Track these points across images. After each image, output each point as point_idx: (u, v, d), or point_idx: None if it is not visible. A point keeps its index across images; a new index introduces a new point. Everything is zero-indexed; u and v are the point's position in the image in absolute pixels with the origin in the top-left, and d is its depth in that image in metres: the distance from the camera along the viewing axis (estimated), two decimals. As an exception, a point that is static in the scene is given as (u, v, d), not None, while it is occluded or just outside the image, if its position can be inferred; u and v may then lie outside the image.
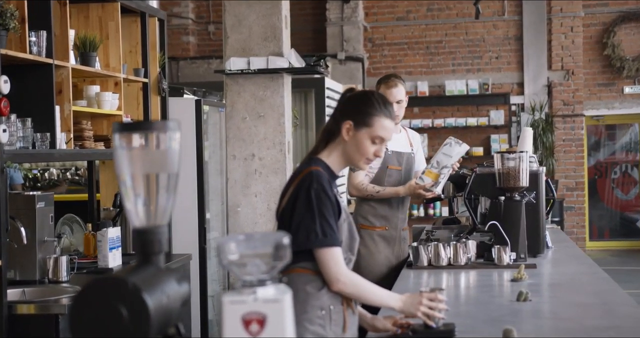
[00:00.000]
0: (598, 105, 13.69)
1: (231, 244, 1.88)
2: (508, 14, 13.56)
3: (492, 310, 3.36)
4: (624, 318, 3.18)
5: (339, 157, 3.08)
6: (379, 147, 3.07)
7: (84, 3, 5.23)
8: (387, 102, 3.10)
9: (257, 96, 7.03)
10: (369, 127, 3.03)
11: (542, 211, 4.99)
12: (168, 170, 1.96)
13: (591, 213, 14.12)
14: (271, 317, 1.84)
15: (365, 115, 3.04)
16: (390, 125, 3.07)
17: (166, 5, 13.97)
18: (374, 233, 5.20)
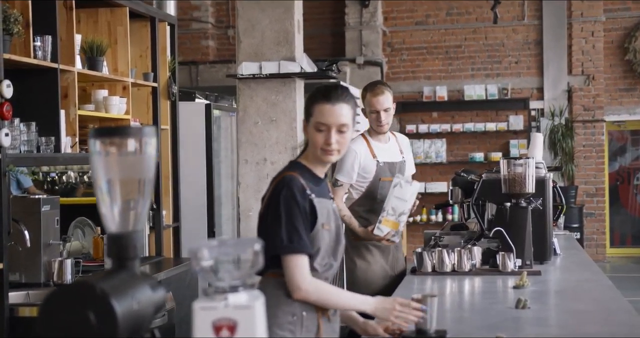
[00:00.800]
0: (619, 110, 13.59)
1: (204, 250, 1.88)
2: (528, 19, 13.49)
3: (489, 317, 3.34)
4: (621, 325, 3.15)
5: (312, 158, 3.05)
6: (326, 134, 2.97)
7: (93, 8, 5.26)
8: (331, 89, 3.06)
9: (269, 100, 7.04)
10: (311, 116, 3.02)
11: (549, 217, 4.96)
12: (144, 175, 1.96)
13: (613, 219, 14.01)
14: (242, 323, 1.84)
15: (308, 107, 3.06)
16: (327, 109, 2.98)
17: (186, 10, 14.04)
18: (369, 243, 5.14)
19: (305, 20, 13.94)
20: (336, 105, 2.98)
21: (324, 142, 2.97)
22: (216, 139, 6.56)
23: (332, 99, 2.99)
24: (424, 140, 13.49)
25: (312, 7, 14.08)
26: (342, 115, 2.98)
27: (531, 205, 4.79)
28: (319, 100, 3.01)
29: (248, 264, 1.89)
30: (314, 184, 3.04)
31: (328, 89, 3.07)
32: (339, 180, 5.10)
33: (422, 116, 13.68)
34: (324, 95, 3.01)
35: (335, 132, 2.97)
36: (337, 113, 2.98)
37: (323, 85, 3.14)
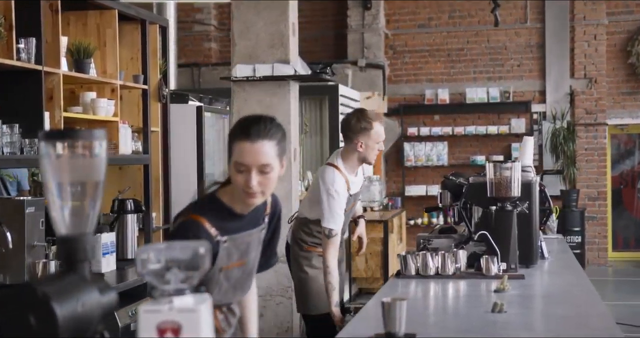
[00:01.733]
0: (622, 114, 13.55)
1: (150, 253, 1.88)
2: (530, 22, 13.47)
3: (462, 321, 3.34)
4: (593, 330, 3.15)
5: (234, 195, 2.81)
6: (247, 176, 2.70)
7: (82, 10, 5.28)
8: (251, 123, 2.73)
9: (264, 103, 7.05)
10: (232, 154, 2.74)
11: (535, 221, 4.95)
12: (95, 178, 1.97)
13: (616, 223, 13.97)
14: (186, 326, 1.84)
15: (229, 143, 2.77)
16: (246, 148, 2.68)
17: (189, 12, 14.07)
18: (318, 254, 5.08)
19: (308, 23, 14.07)
20: (257, 144, 2.68)
21: (244, 184, 2.71)
22: (208, 141, 6.56)
23: (251, 136, 2.68)
24: (425, 143, 13.48)
25: (315, 10, 14.11)
26: (264, 155, 2.69)
27: (517, 208, 4.79)
28: (238, 136, 2.72)
29: (194, 267, 1.90)
30: (229, 221, 2.82)
31: (249, 122, 2.74)
32: (333, 230, 4.88)
33: (423, 119, 13.67)
34: (243, 131, 2.71)
35: (257, 173, 2.70)
36: (257, 152, 2.68)
37: (245, 117, 2.81)
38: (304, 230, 5.12)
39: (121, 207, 5.56)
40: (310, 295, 5.11)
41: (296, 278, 5.18)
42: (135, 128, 5.82)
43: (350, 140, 4.93)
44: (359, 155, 4.94)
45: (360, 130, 4.88)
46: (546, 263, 5.13)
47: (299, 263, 5.11)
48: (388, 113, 13.60)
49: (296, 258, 5.13)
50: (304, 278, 5.10)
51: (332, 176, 4.88)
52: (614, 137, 13.96)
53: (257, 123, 2.73)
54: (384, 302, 2.97)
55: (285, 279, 7.00)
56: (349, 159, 4.97)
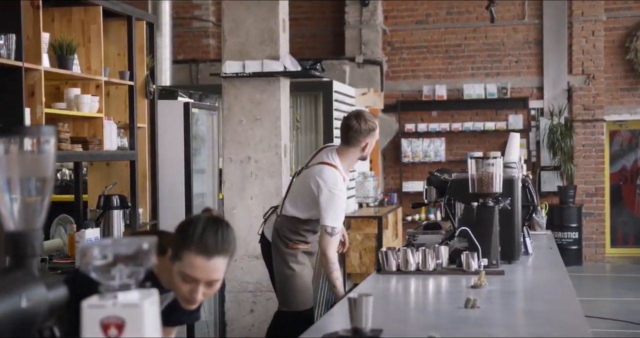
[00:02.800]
0: (620, 110, 13.53)
1: (94, 249, 1.89)
2: (528, 18, 13.46)
3: (434, 317, 3.35)
4: (562, 327, 3.15)
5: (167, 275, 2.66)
6: (193, 287, 2.56)
7: (67, 7, 5.30)
8: (209, 237, 2.53)
9: (254, 99, 7.06)
10: (178, 260, 2.56)
11: (517, 218, 4.95)
12: (43, 174, 1.98)
13: (615, 219, 13.96)
14: (130, 321, 1.85)
15: (177, 247, 2.58)
16: (200, 264, 2.50)
17: (187, 8, 14.08)
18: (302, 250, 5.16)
19: (306, 19, 14.09)
20: (212, 260, 2.52)
21: (189, 294, 2.58)
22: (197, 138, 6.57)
23: (209, 251, 2.51)
24: (423, 139, 13.49)
25: (314, 6, 14.12)
26: (217, 271, 2.55)
27: (499, 205, 4.79)
28: (192, 249, 2.52)
29: (140, 263, 1.91)
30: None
31: (207, 232, 2.54)
32: (336, 228, 4.92)
33: (421, 115, 13.67)
34: (200, 243, 2.52)
35: (204, 286, 2.57)
36: (211, 268, 2.52)
37: (203, 222, 2.57)
38: (290, 229, 5.12)
39: (107, 202, 5.57)
40: (296, 291, 5.13)
41: (281, 275, 5.16)
42: (121, 124, 5.83)
43: (358, 142, 5.01)
44: (362, 155, 5.09)
45: (368, 133, 5.01)
46: (530, 260, 5.14)
47: (284, 260, 5.12)
48: (386, 109, 13.61)
49: (282, 255, 5.13)
50: (290, 274, 5.11)
51: (333, 176, 4.94)
52: (614, 133, 13.94)
53: (215, 234, 2.54)
54: (350, 298, 2.98)
55: (275, 275, 7.01)
56: (349, 159, 5.07)
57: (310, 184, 4.97)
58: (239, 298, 7.24)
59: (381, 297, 3.89)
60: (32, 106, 4.56)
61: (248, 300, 7.26)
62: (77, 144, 5.05)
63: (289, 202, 5.18)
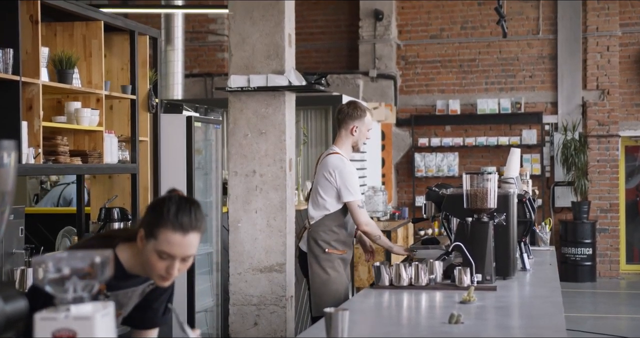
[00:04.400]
0: (636, 125, 13.47)
1: (48, 262, 1.92)
2: (543, 33, 13.44)
3: (414, 332, 3.36)
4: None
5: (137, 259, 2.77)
6: (169, 264, 2.66)
7: (69, 21, 5.36)
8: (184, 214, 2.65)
9: (259, 113, 7.09)
10: (154, 238, 2.65)
11: (512, 233, 4.94)
12: (3, 187, 2.02)
13: (631, 235, 13.86)
14: (81, 333, 1.88)
15: (152, 225, 2.66)
16: (177, 240, 2.61)
17: (203, 22, 14.18)
18: (338, 256, 5.46)
19: (322, 34, 14.15)
20: (188, 236, 2.63)
21: (165, 271, 2.68)
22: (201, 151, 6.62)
23: (184, 228, 2.63)
24: (436, 154, 13.48)
25: (329, 21, 14.18)
26: (192, 246, 2.66)
27: (494, 220, 4.79)
28: (168, 226, 2.63)
29: (93, 277, 1.94)
30: (120, 280, 2.77)
31: (181, 211, 2.65)
32: (358, 200, 5.36)
33: (435, 129, 13.67)
34: (176, 221, 2.63)
35: (179, 262, 2.68)
36: (187, 244, 2.64)
37: (175, 201, 2.68)
38: (323, 231, 5.44)
39: (107, 215, 5.63)
40: (330, 296, 5.38)
41: (316, 279, 5.46)
42: (124, 137, 5.88)
43: (347, 125, 5.52)
44: (352, 140, 5.52)
45: (357, 117, 5.51)
46: (527, 276, 5.13)
47: (320, 265, 5.44)
48: (399, 123, 13.62)
49: (318, 260, 5.45)
50: (326, 279, 5.42)
51: (338, 158, 5.45)
52: (630, 149, 13.86)
53: (189, 213, 2.66)
54: (326, 312, 3.00)
55: (279, 289, 7.03)
56: (344, 145, 5.54)
57: (323, 176, 5.44)
58: (242, 311, 7.25)
59: (368, 312, 3.91)
60: (29, 120, 4.62)
61: (252, 314, 7.27)
62: (76, 157, 5.11)
63: (311, 208, 5.60)
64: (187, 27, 13.61)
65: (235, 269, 6.71)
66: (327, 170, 5.42)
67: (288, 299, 6.77)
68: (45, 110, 5.32)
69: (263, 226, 7.11)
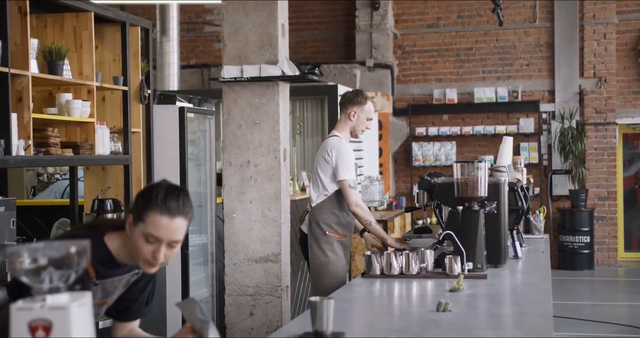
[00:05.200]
0: (633, 113, 13.46)
1: (23, 252, 1.93)
2: (539, 21, 13.42)
3: (402, 320, 3.37)
4: (526, 329, 3.16)
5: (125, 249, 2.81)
6: (155, 248, 2.70)
7: (59, 13, 5.36)
8: (172, 197, 2.71)
9: (253, 104, 7.08)
10: (142, 221, 2.70)
11: (504, 222, 4.95)
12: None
13: (631, 223, 13.86)
14: (57, 323, 1.89)
15: (140, 209, 2.72)
16: (164, 223, 2.67)
17: (199, 13, 14.16)
18: (338, 240, 5.45)
19: (319, 23, 14.12)
20: (175, 220, 2.69)
21: (151, 255, 2.72)
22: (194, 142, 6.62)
23: (172, 212, 2.69)
24: (433, 143, 13.48)
25: (326, 11, 14.16)
26: (179, 231, 2.72)
27: (485, 208, 4.80)
28: (156, 209, 2.69)
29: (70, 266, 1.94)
30: (108, 268, 2.82)
31: (169, 196, 2.71)
32: (350, 179, 5.50)
33: (432, 119, 13.66)
34: (164, 205, 2.69)
35: (166, 247, 2.72)
36: (174, 229, 2.70)
37: (164, 187, 2.75)
38: (324, 213, 5.57)
39: (100, 206, 5.64)
40: (329, 278, 5.51)
41: (316, 261, 5.59)
42: (116, 129, 5.89)
43: (347, 110, 5.73)
44: (351, 124, 5.70)
45: (356, 103, 5.71)
46: (519, 264, 5.14)
47: (320, 248, 5.56)
48: (396, 113, 13.62)
49: (318, 243, 5.58)
50: (325, 261, 5.53)
51: (336, 140, 5.63)
52: (628, 137, 13.85)
53: (177, 198, 2.72)
54: (311, 301, 3.00)
55: (274, 279, 7.03)
56: (343, 129, 5.72)
57: (322, 158, 5.63)
58: (238, 301, 7.26)
59: (358, 301, 3.92)
60: (19, 111, 4.63)
61: (248, 304, 7.28)
62: (67, 148, 5.11)
63: (312, 190, 5.75)
64: (183, 18, 13.61)
65: (230, 260, 6.71)
66: (326, 150, 5.60)
67: (284, 289, 6.78)
68: (37, 102, 5.32)
69: (258, 216, 7.12)
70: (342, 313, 3.52)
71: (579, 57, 13.29)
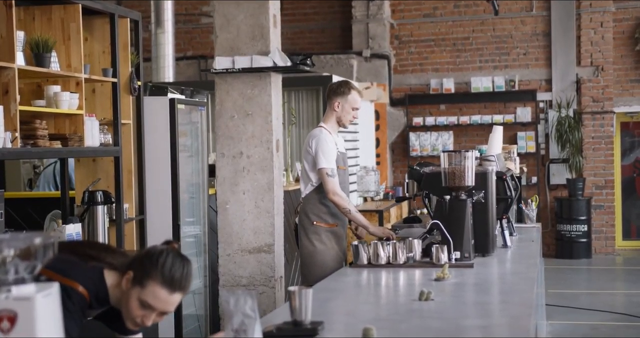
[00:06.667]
0: (630, 101, 13.44)
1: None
2: (536, 10, 13.40)
3: (383, 310, 3.39)
4: (505, 317, 3.18)
5: (117, 296, 2.79)
6: (148, 314, 2.73)
7: (47, 5, 5.37)
8: (177, 274, 2.69)
9: (245, 95, 7.09)
10: (142, 287, 2.70)
11: (491, 211, 4.95)
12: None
13: (628, 212, 13.87)
14: (22, 314, 1.90)
15: (143, 273, 2.70)
16: (164, 296, 2.68)
17: (196, 4, 14.16)
18: (327, 230, 5.44)
19: (315, 14, 14.10)
20: (174, 295, 2.71)
21: (141, 319, 2.75)
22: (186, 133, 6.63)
23: (173, 287, 2.69)
24: (431, 133, 13.48)
25: (322, 1, 14.15)
26: (174, 304, 2.74)
27: (472, 198, 4.81)
28: (158, 281, 2.68)
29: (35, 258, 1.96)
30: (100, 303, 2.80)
31: (174, 268, 2.70)
32: (328, 168, 5.50)
33: (429, 108, 13.66)
34: (167, 278, 2.68)
35: (157, 315, 2.76)
36: (171, 302, 2.72)
37: (172, 257, 2.73)
38: (313, 204, 5.63)
39: (91, 198, 5.65)
40: (315, 266, 5.57)
41: (303, 250, 5.68)
42: (106, 121, 5.90)
43: (331, 101, 5.78)
44: (336, 115, 5.75)
45: (340, 93, 5.76)
46: (508, 252, 5.15)
47: (309, 238, 5.63)
48: (393, 103, 13.61)
49: (306, 232, 5.66)
50: (312, 251, 5.60)
51: (318, 130, 5.70)
52: (626, 125, 13.84)
53: (181, 271, 2.71)
54: (289, 291, 3.02)
55: (268, 269, 7.05)
56: (329, 120, 5.77)
57: (306, 149, 5.68)
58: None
59: (342, 290, 3.93)
60: (5, 104, 4.63)
61: (242, 295, 7.31)
62: (56, 140, 5.12)
63: (301, 182, 5.88)
64: (180, 9, 13.60)
65: (224, 250, 6.72)
66: (308, 141, 5.67)
67: (277, 280, 6.79)
68: (25, 94, 5.33)
69: (251, 207, 7.12)
70: (325, 302, 3.54)
71: (576, 45, 13.27)
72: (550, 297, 9.22)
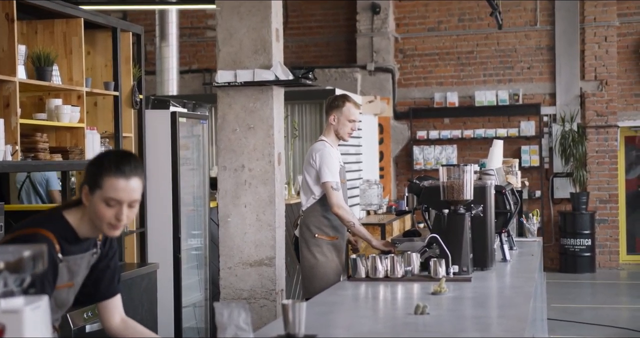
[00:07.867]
0: (635, 115, 13.44)
1: (-21, 257, 1.95)
2: (540, 24, 13.42)
3: (378, 323, 3.39)
4: (499, 332, 3.18)
5: (85, 222, 2.93)
6: (117, 210, 2.85)
7: (49, 19, 5.41)
8: (124, 161, 2.87)
9: (247, 108, 7.11)
10: (100, 188, 2.84)
11: (490, 225, 4.96)
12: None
13: (633, 226, 13.83)
14: (10, 327, 1.91)
15: (96, 177, 2.85)
16: (121, 185, 2.82)
17: (201, 18, 14.22)
18: (329, 243, 5.49)
19: (320, 28, 14.17)
20: (131, 180, 2.85)
21: (114, 217, 2.86)
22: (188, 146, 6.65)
23: (126, 173, 2.84)
24: (434, 147, 13.49)
25: (327, 15, 14.19)
26: (136, 191, 2.87)
27: (471, 212, 4.81)
28: (112, 173, 2.83)
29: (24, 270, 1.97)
30: (70, 243, 2.93)
31: (121, 160, 2.88)
32: (332, 181, 5.56)
33: (433, 122, 13.68)
34: (118, 168, 2.84)
35: (127, 208, 2.86)
36: (131, 189, 2.85)
37: (113, 153, 2.96)
38: (314, 216, 5.68)
39: (92, 211, 5.65)
40: (317, 278, 5.62)
41: (305, 262, 5.73)
42: (108, 134, 5.92)
43: (328, 115, 5.89)
44: (334, 128, 5.83)
45: (334, 106, 5.89)
46: (507, 267, 5.15)
47: (310, 251, 5.69)
48: (397, 117, 13.64)
49: (308, 245, 5.72)
50: (314, 263, 5.64)
51: (320, 144, 5.78)
52: (630, 139, 13.83)
53: (129, 160, 2.89)
54: (283, 304, 3.03)
55: (269, 282, 7.06)
56: (329, 134, 5.85)
57: (308, 162, 5.78)
58: (233, 305, 7.29)
59: (338, 304, 3.94)
60: (6, 117, 4.66)
61: (242, 307, 7.31)
62: (56, 153, 5.15)
63: (302, 194, 5.90)
64: (185, 23, 13.67)
65: (225, 263, 6.74)
66: (311, 155, 5.73)
67: (278, 293, 6.79)
68: (27, 107, 5.36)
69: (252, 220, 7.14)
70: (321, 315, 3.55)
71: (580, 60, 13.29)
72: (554, 311, 9.21)
